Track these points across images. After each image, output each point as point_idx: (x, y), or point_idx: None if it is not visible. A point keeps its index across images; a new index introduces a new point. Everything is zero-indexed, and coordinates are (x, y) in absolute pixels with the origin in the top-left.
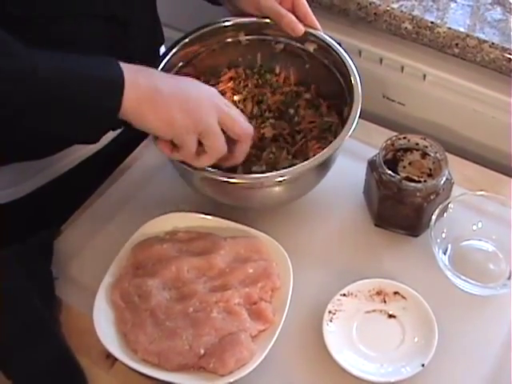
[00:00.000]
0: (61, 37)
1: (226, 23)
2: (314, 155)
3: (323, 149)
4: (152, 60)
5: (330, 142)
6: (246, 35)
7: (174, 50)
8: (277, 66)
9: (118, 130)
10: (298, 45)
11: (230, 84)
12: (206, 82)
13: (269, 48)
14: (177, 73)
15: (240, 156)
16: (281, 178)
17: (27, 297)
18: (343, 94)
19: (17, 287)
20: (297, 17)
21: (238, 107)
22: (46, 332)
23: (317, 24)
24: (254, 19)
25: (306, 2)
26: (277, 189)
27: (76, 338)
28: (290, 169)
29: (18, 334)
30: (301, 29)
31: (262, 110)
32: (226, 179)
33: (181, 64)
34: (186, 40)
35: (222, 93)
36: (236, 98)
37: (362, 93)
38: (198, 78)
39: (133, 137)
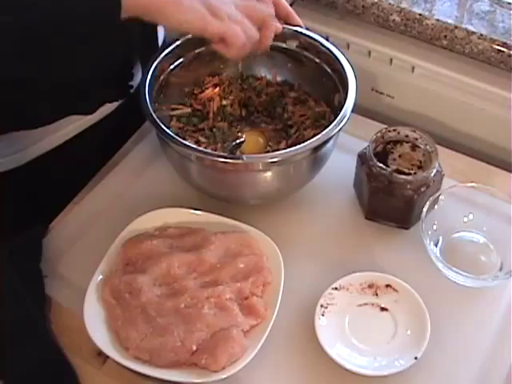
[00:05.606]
0: None
1: None
2: None
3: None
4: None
5: (327, 126)
6: None
7: (155, 62)
8: (258, 70)
9: (115, 104)
10: (280, 44)
11: (217, 90)
12: (191, 91)
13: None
14: (161, 83)
15: (267, 40)
16: (275, 159)
17: (17, 295)
18: (331, 85)
19: (6, 286)
20: (279, 18)
21: (226, 111)
22: (36, 330)
23: (300, 23)
24: None
25: (286, 3)
26: (271, 175)
27: (67, 336)
28: (286, 150)
29: (8, 333)
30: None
31: (250, 112)
32: (224, 160)
33: (162, 77)
34: (167, 51)
35: (210, 99)
36: (224, 102)
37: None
38: (181, 88)
39: (129, 114)
